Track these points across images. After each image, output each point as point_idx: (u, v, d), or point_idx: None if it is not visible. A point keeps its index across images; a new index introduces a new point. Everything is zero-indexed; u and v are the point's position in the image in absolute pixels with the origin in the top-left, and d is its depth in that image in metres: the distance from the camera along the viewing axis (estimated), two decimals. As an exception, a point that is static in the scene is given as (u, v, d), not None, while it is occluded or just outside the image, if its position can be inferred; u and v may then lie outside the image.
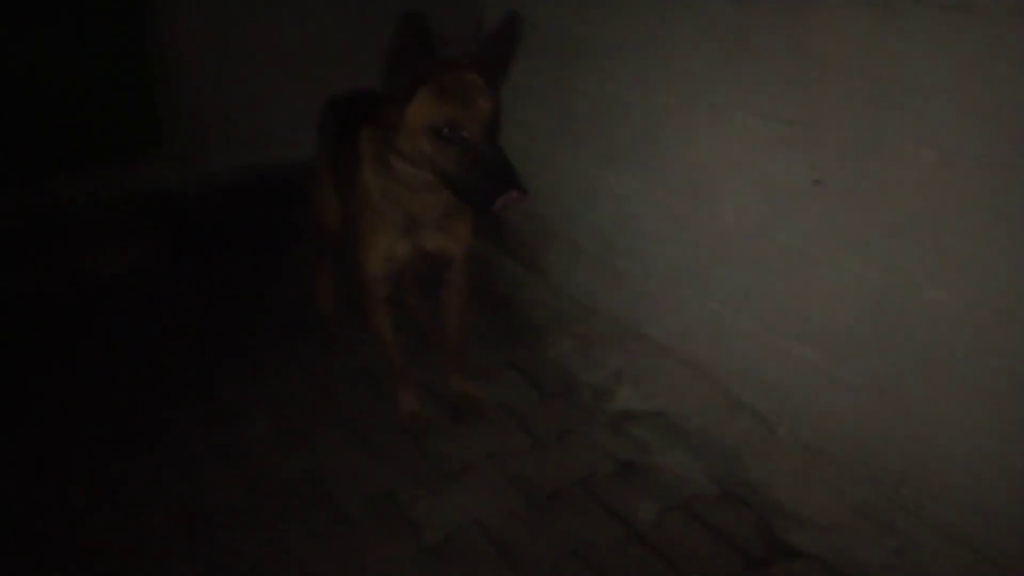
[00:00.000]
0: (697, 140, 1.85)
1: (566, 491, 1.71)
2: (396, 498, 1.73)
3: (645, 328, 2.18)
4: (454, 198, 1.52)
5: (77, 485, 1.83)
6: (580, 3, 2.13)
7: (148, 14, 3.08)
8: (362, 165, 1.66)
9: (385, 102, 1.49)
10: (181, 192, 3.15)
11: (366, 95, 1.91)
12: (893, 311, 1.49)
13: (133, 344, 2.46)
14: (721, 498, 1.67)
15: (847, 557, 1.51)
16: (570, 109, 2.28)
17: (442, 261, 1.81)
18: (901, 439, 1.54)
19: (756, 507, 1.64)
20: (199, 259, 2.98)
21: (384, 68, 1.44)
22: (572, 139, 2.30)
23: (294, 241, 2.97)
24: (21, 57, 2.95)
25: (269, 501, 1.75)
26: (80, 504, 1.77)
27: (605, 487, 1.72)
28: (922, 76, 1.34)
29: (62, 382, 2.26)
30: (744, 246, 1.79)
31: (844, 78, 1.47)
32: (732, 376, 1.91)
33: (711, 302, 1.93)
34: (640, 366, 2.09)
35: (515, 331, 2.38)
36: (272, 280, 2.86)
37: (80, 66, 3.06)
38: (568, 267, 2.46)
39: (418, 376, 2.06)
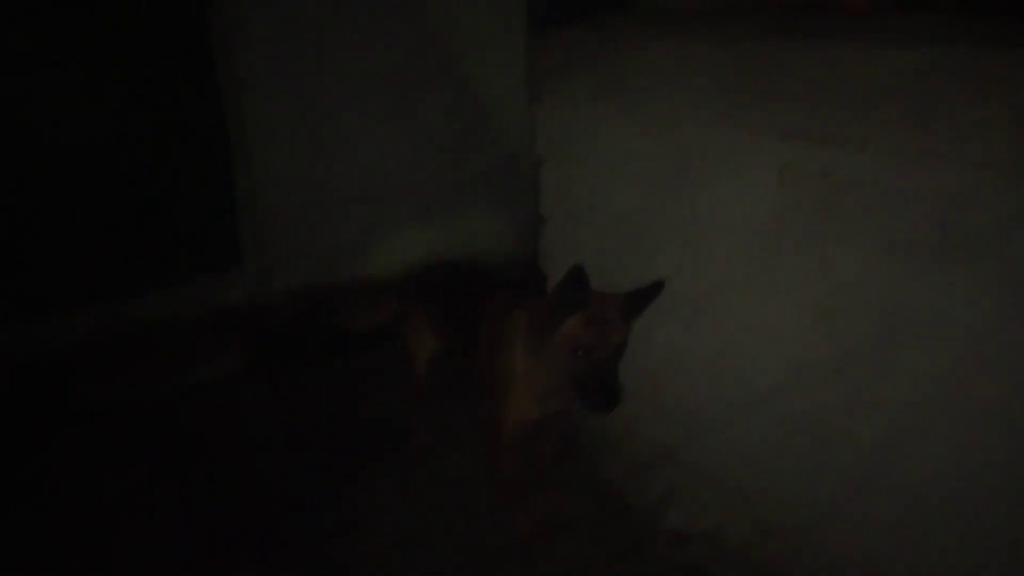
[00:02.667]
0: (734, 317, 2.36)
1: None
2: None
3: (683, 455, 2.66)
4: None
5: None
6: (629, 180, 2.65)
7: (237, 150, 3.54)
8: (510, 341, 2.15)
9: (549, 311, 1.99)
10: (261, 306, 3.57)
11: (482, 275, 2.43)
12: (901, 468, 1.99)
13: (231, 454, 2.84)
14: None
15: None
16: (614, 271, 2.78)
17: (556, 418, 2.30)
18: (913, 558, 2.03)
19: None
20: (281, 368, 3.39)
21: (555, 292, 1.97)
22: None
23: (367, 350, 3.41)
24: (117, 184, 3.37)
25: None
26: None
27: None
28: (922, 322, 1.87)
29: (167, 495, 2.60)
30: (775, 403, 2.29)
31: (862, 293, 1.99)
32: (766, 503, 2.38)
33: (747, 442, 2.41)
34: (685, 489, 2.57)
35: (569, 453, 2.85)
36: (349, 387, 3.29)
37: (174, 192, 3.49)
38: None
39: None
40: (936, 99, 1.72)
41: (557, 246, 3.04)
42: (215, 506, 2.56)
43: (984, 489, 1.81)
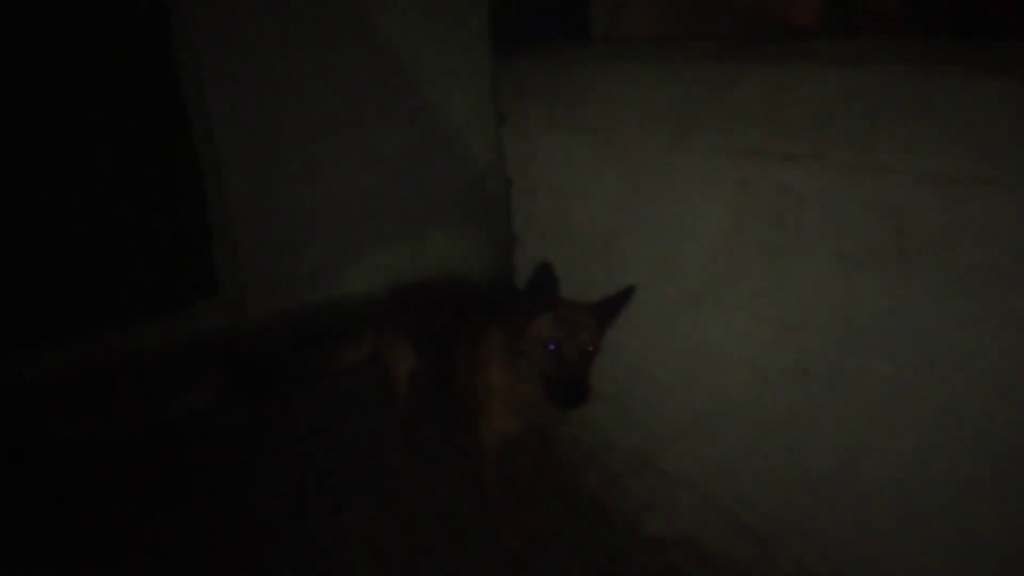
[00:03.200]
0: (704, 328, 2.44)
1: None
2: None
3: (658, 462, 2.73)
4: None
5: None
6: (596, 200, 2.73)
7: (208, 182, 3.56)
8: (487, 358, 2.20)
9: (517, 316, 2.05)
10: (236, 335, 3.58)
11: (458, 295, 2.47)
12: (864, 469, 2.08)
13: (211, 484, 2.85)
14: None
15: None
16: (585, 288, 2.85)
17: (537, 432, 2.35)
18: (877, 559, 2.11)
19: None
20: (259, 397, 3.40)
21: (522, 292, 2.03)
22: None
23: (342, 376, 3.43)
24: (88, 216, 3.37)
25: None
26: None
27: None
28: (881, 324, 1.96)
29: (148, 527, 2.61)
30: (744, 409, 2.37)
31: (822, 303, 2.08)
32: (738, 506, 2.46)
33: (717, 447, 2.49)
34: (660, 497, 2.63)
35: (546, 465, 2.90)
36: (329, 414, 3.31)
37: (147, 224, 3.50)
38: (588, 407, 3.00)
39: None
40: (884, 115, 1.82)
41: (529, 264, 3.11)
42: (197, 536, 2.57)
43: (945, 486, 1.90)
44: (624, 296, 2.12)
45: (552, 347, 1.98)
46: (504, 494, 2.47)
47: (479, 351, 2.24)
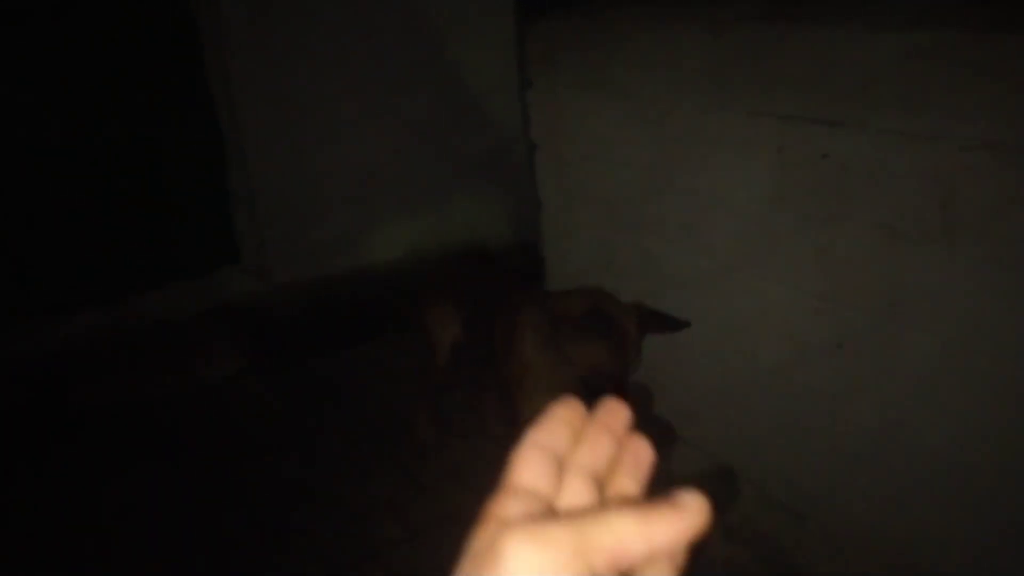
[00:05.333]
0: (735, 299, 2.39)
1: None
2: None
3: (687, 433, 2.70)
4: None
5: None
6: (625, 165, 2.66)
7: (230, 148, 3.52)
8: (522, 338, 2.19)
9: (570, 328, 2.02)
10: (259, 303, 3.57)
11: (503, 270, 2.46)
12: (901, 446, 2.04)
13: (235, 451, 2.86)
14: (774, 583, 2.19)
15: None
16: (613, 255, 2.80)
17: None
18: (908, 535, 2.08)
19: (801, 590, 2.16)
20: (282, 365, 3.40)
21: (591, 314, 2.01)
22: (615, 278, 2.81)
23: (364, 343, 3.43)
24: (113, 183, 3.36)
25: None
26: None
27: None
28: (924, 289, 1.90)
29: (170, 494, 2.62)
30: (777, 382, 2.33)
31: (862, 274, 2.02)
32: (768, 479, 2.43)
33: (748, 420, 2.45)
34: (687, 467, 2.61)
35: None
36: (349, 381, 3.30)
37: (170, 191, 3.48)
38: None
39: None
40: (934, 80, 1.74)
41: (555, 231, 3.05)
42: (219, 504, 2.58)
43: (984, 466, 1.85)
44: (678, 325, 2.12)
45: (604, 377, 1.98)
46: None
47: (514, 330, 2.21)
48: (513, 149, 3.87)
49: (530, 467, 0.44)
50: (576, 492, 0.45)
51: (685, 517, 0.39)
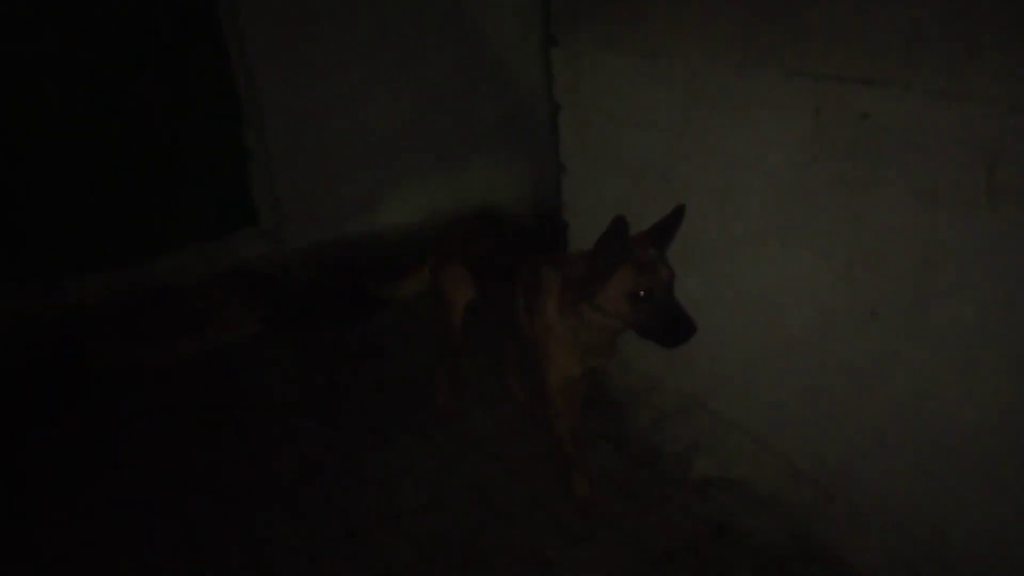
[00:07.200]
0: (765, 265, 2.31)
1: (677, 553, 2.17)
2: (541, 556, 2.17)
3: (712, 404, 2.65)
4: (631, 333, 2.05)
5: (252, 553, 2.21)
6: (652, 127, 2.58)
7: (246, 110, 3.46)
8: (545, 302, 2.15)
9: (592, 267, 1.98)
10: (276, 266, 3.54)
11: (518, 232, 2.39)
12: (933, 419, 1.97)
13: (253, 416, 2.84)
14: (801, 557, 2.14)
15: (899, 604, 2.01)
16: (639, 220, 2.73)
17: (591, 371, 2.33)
18: (937, 512, 2.03)
19: (828, 564, 2.11)
20: (299, 327, 3.37)
21: (599, 247, 1.96)
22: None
23: (381, 307, 3.39)
24: (130, 145, 3.31)
25: (437, 562, 2.18)
26: (261, 569, 2.16)
27: (707, 548, 2.18)
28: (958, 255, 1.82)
29: (189, 457, 2.62)
30: (806, 352, 2.26)
31: (898, 242, 1.94)
32: (794, 451, 2.38)
33: (776, 390, 2.40)
34: (712, 438, 2.56)
35: (595, 404, 2.83)
36: (364, 347, 3.27)
37: (186, 152, 3.43)
38: (639, 346, 2.92)
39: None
40: (984, 38, 1.64)
41: (578, 195, 2.98)
42: (234, 467, 2.57)
43: (1020, 441, 1.79)
44: (675, 217, 2.07)
45: (643, 295, 1.94)
46: (575, 437, 2.41)
47: (536, 295, 2.17)
48: (532, 112, 3.79)
49: None
50: None
51: None
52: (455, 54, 3.74)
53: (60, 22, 3.01)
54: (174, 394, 2.98)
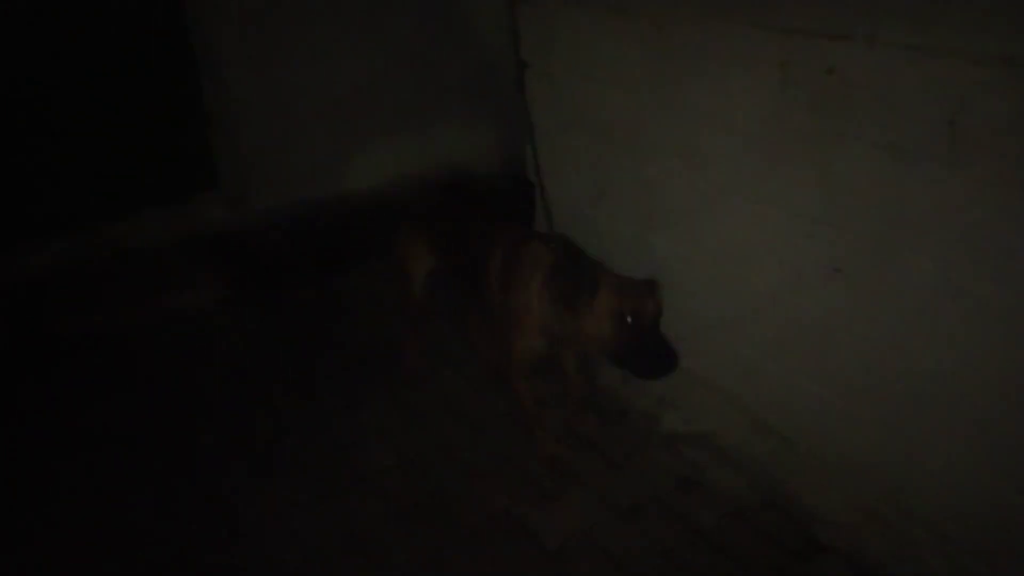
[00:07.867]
0: (732, 223, 2.33)
1: (643, 506, 2.21)
2: (512, 513, 2.19)
3: (680, 361, 2.67)
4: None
5: (222, 515, 2.21)
6: (621, 84, 2.56)
7: (204, 67, 3.36)
8: (529, 280, 2.17)
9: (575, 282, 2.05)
10: (238, 229, 3.47)
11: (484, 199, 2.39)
12: (897, 373, 2.01)
13: (218, 381, 2.81)
14: (763, 506, 2.19)
15: (860, 549, 2.06)
16: (609, 179, 2.72)
17: None
18: (898, 458, 2.08)
19: (791, 512, 2.16)
20: (262, 292, 3.32)
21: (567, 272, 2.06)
22: (611, 204, 2.75)
23: (342, 271, 3.36)
24: (83, 104, 3.21)
25: (405, 520, 2.19)
26: (231, 530, 2.17)
27: (673, 500, 2.22)
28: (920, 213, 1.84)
29: (153, 423, 2.59)
30: (773, 309, 2.29)
31: (863, 197, 1.96)
32: (760, 405, 2.42)
33: (743, 347, 2.43)
34: (679, 394, 2.59)
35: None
36: (332, 311, 3.24)
37: (143, 112, 3.33)
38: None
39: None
40: (949, -10, 1.65)
41: (547, 156, 2.96)
42: (203, 432, 2.54)
43: (981, 392, 1.83)
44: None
45: (629, 318, 2.00)
46: (539, 400, 2.43)
47: (519, 269, 2.17)
48: (499, 70, 3.73)
49: None
50: None
51: None
52: (421, 12, 3.67)
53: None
54: (137, 361, 2.93)
